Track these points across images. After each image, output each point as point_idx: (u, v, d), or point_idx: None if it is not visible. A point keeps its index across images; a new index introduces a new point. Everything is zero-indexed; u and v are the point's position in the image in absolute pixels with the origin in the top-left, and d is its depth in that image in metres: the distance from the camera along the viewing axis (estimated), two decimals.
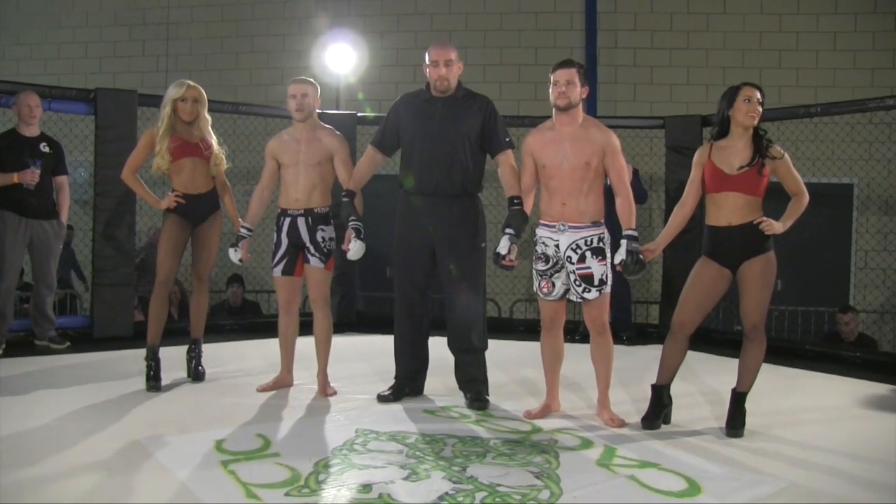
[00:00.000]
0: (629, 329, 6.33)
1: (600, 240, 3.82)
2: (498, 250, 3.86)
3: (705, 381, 4.79)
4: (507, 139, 4.13)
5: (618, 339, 4.39)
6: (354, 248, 4.09)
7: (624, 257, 3.69)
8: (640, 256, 3.70)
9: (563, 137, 3.83)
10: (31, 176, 5.23)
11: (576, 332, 6.01)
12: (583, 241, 3.81)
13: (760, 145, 3.70)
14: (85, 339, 5.87)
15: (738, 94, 3.72)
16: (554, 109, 3.86)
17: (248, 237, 4.42)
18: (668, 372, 3.86)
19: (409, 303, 4.26)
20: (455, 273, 4.12)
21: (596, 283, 3.81)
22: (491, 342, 4.35)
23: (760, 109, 3.70)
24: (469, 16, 9.62)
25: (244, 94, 8.77)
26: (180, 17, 10.13)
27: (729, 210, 3.69)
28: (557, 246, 3.85)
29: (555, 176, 3.82)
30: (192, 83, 4.51)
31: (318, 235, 4.31)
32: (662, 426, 3.83)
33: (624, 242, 3.72)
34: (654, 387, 3.87)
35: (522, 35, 9.46)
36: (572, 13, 9.42)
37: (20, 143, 5.36)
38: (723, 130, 3.78)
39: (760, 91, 3.74)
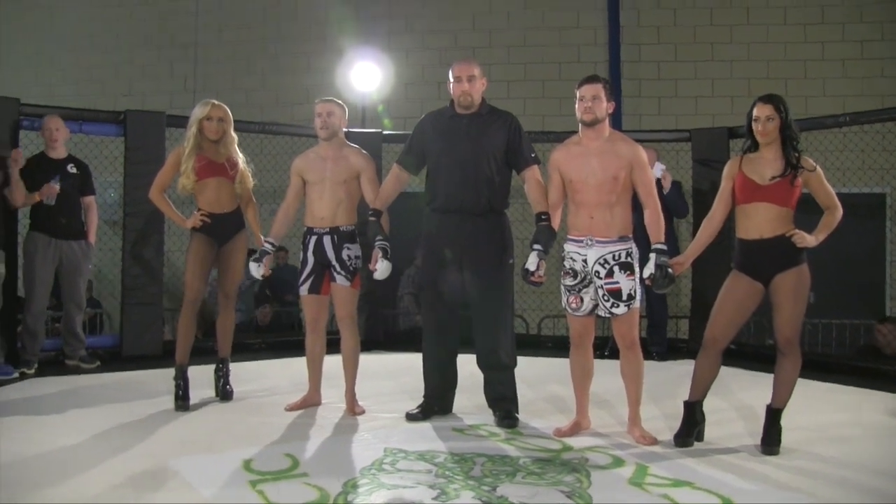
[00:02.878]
0: (663, 344, 6.22)
1: (628, 254, 3.77)
2: (527, 266, 3.82)
3: (739, 396, 4.70)
4: (533, 155, 4.09)
5: (648, 355, 4.32)
6: (381, 268, 4.08)
7: (653, 271, 3.64)
8: (669, 270, 3.64)
9: (589, 152, 3.80)
10: (50, 189, 5.28)
11: (605, 347, 5.94)
12: (610, 255, 3.76)
13: (790, 156, 3.63)
14: (114, 358, 5.90)
15: (752, 110, 3.69)
16: (580, 125, 3.84)
17: (271, 253, 4.40)
18: (700, 388, 3.79)
19: (436, 321, 4.22)
20: (483, 290, 4.08)
21: (624, 297, 3.76)
22: (520, 359, 4.31)
23: (771, 126, 3.63)
24: (493, 33, 9.63)
25: (270, 114, 8.83)
26: (208, 38, 10.24)
27: (760, 222, 3.62)
28: (585, 261, 3.81)
29: (582, 190, 3.78)
30: (217, 102, 4.53)
31: (344, 254, 4.30)
32: (695, 443, 3.75)
33: (653, 256, 3.67)
34: (686, 403, 3.79)
35: (546, 51, 9.44)
36: (595, 28, 9.39)
37: (47, 165, 5.43)
38: (753, 143, 3.72)
39: (775, 104, 3.65)
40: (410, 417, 4.17)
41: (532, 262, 3.80)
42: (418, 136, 4.24)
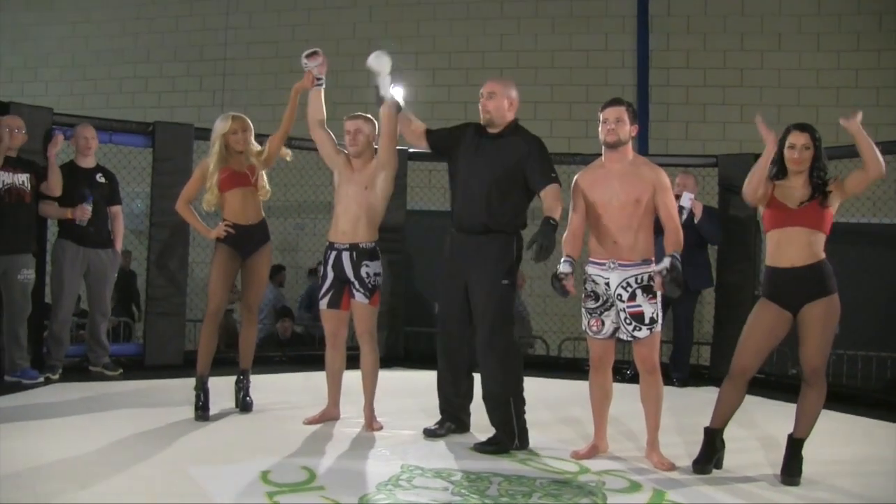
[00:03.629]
0: (685, 371, 6.20)
1: (651, 278, 3.78)
2: (560, 271, 3.73)
3: (760, 425, 4.67)
4: (553, 175, 4.00)
5: (668, 381, 4.32)
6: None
7: (666, 265, 3.61)
8: (679, 276, 3.61)
9: (612, 175, 3.83)
10: (83, 213, 5.38)
11: (625, 371, 5.93)
12: (633, 278, 3.78)
13: (817, 181, 3.64)
14: (137, 367, 5.97)
15: (786, 137, 3.69)
16: (603, 147, 3.88)
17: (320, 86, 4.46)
18: (723, 416, 3.77)
19: (446, 337, 4.25)
20: (478, 312, 4.06)
21: (646, 321, 3.77)
22: (538, 380, 4.31)
23: (807, 154, 3.65)
24: (520, 54, 9.69)
25: (297, 129, 8.83)
26: (237, 53, 10.42)
27: (793, 249, 3.61)
28: (607, 284, 3.82)
29: (604, 213, 3.81)
30: (235, 114, 4.61)
31: (363, 271, 4.33)
32: (714, 471, 3.73)
33: (668, 258, 3.65)
34: (707, 430, 3.78)
35: (573, 73, 9.49)
36: (623, 51, 9.43)
37: (77, 174, 5.54)
38: (781, 170, 3.73)
39: (810, 133, 3.67)
40: (428, 434, 4.19)
41: (566, 268, 3.74)
42: (456, 134, 4.23)
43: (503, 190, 4.03)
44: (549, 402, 4.88)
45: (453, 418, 4.28)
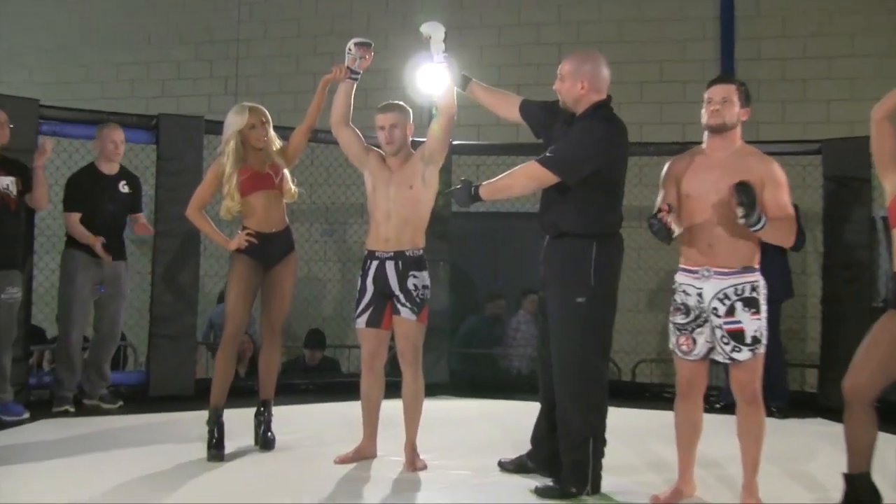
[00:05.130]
0: (783, 398, 6.08)
1: (754, 288, 3.70)
2: (657, 207, 3.69)
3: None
4: (552, 155, 3.91)
5: (766, 410, 4.22)
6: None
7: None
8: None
9: (712, 164, 3.77)
10: (105, 255, 5.50)
11: (716, 399, 5.84)
12: (732, 289, 3.70)
13: None
14: (139, 398, 6.03)
15: None
16: (706, 131, 3.85)
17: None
18: (860, 454, 3.61)
19: (540, 357, 4.29)
20: (551, 331, 4.04)
21: (748, 341, 3.69)
22: (612, 409, 4.22)
23: None
24: (581, 25, 9.61)
25: (321, 120, 8.92)
26: (252, 33, 10.47)
27: None
28: (700, 295, 3.76)
29: (700, 210, 3.74)
30: (252, 105, 4.64)
31: (410, 283, 4.32)
32: None
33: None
34: (847, 476, 3.65)
35: (644, 47, 9.39)
36: (704, 20, 9.30)
37: (99, 181, 5.65)
38: None
39: None
40: (502, 467, 4.26)
41: (662, 201, 3.70)
42: (554, 109, 4.17)
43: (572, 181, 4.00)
44: (623, 435, 4.80)
45: (533, 456, 4.28)
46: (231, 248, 4.60)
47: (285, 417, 5.07)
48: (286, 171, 4.69)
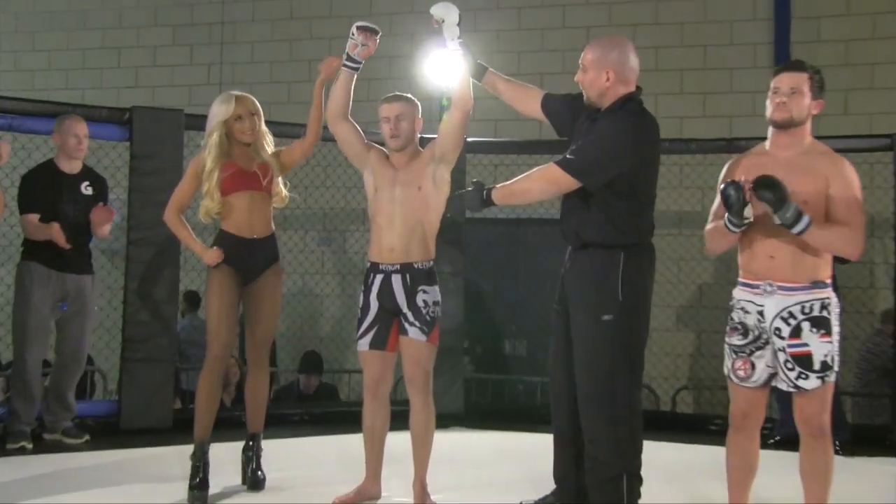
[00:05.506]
0: (845, 429, 6.04)
1: (824, 307, 3.69)
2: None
3: None
4: (573, 157, 3.93)
5: None
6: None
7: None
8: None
9: (776, 164, 3.73)
10: (62, 241, 5.39)
11: (769, 433, 5.80)
12: (798, 307, 3.68)
13: None
14: (110, 432, 6.02)
15: None
16: (770, 126, 3.83)
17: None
18: None
19: (553, 382, 4.28)
20: (577, 352, 4.05)
21: (816, 366, 3.67)
22: (649, 443, 4.21)
23: None
24: (613, 6, 9.62)
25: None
26: (238, 14, 10.51)
27: None
28: (761, 313, 3.74)
29: (761, 217, 3.71)
30: (240, 93, 4.65)
31: (419, 298, 4.32)
32: None
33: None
34: None
35: (686, 30, 9.40)
36: None
37: (59, 182, 5.59)
38: None
39: None
40: None
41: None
42: (576, 106, 4.21)
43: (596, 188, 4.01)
44: (664, 471, 4.80)
45: (559, 494, 4.26)
46: (206, 262, 4.56)
47: (277, 452, 5.07)
48: (277, 173, 4.70)
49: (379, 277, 4.36)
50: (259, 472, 4.69)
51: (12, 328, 5.67)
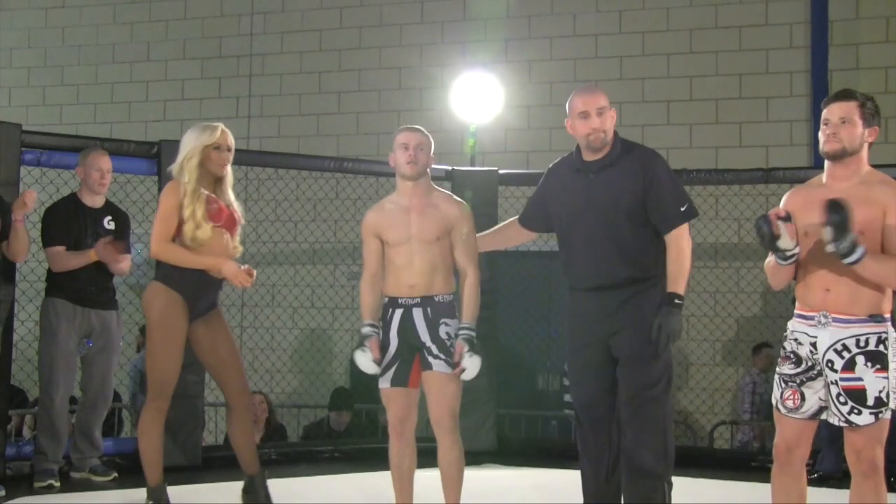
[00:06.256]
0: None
1: (881, 341, 3.65)
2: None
3: None
4: (683, 208, 4.10)
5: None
6: (471, 366, 4.20)
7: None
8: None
9: (833, 196, 3.71)
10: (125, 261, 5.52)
11: (810, 467, 5.74)
12: (853, 340, 3.66)
13: None
14: (138, 469, 5.97)
15: None
16: (825, 159, 3.84)
17: (376, 335, 4.38)
18: None
19: (585, 430, 4.29)
20: (630, 385, 4.10)
21: (870, 402, 3.63)
22: (686, 480, 4.22)
23: None
24: (647, 35, 9.61)
25: (348, 146, 9.05)
26: (267, 46, 10.57)
27: None
28: (814, 345, 3.72)
29: (817, 248, 3.69)
30: (224, 127, 4.68)
31: (442, 331, 4.31)
32: None
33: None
34: None
35: (721, 59, 9.39)
36: (791, 25, 9.30)
37: (81, 216, 5.61)
38: None
39: None
40: None
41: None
42: (539, 192, 4.46)
43: (640, 228, 4.15)
44: None
45: None
46: (233, 277, 4.54)
47: (306, 490, 5.08)
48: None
49: (399, 312, 4.35)
50: None
51: (39, 366, 5.67)
